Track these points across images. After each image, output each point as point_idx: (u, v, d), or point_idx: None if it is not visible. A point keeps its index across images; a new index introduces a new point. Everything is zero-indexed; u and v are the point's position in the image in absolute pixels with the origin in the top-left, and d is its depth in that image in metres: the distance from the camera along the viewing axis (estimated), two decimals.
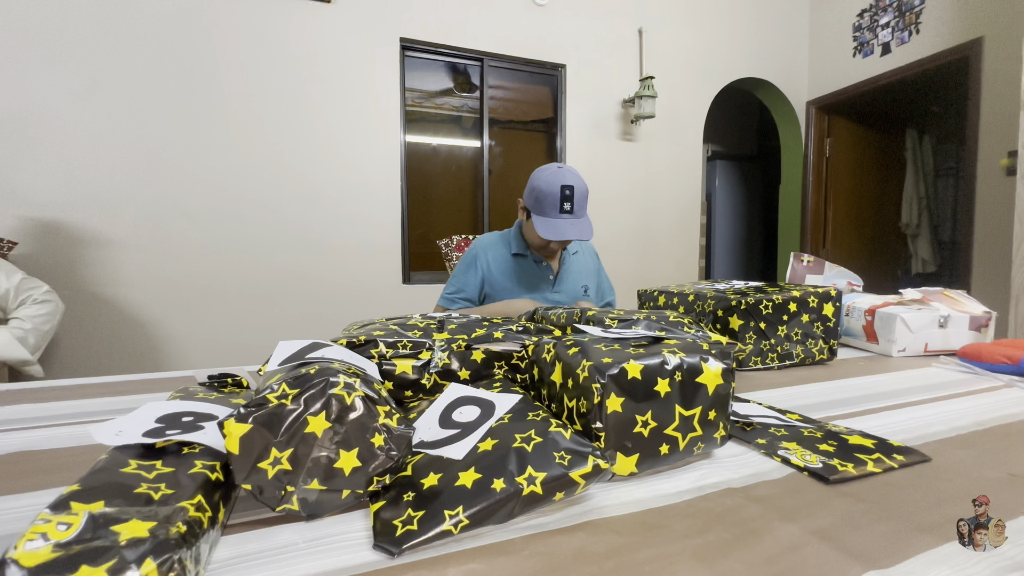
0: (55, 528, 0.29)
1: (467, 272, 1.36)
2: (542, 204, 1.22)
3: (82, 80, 2.12)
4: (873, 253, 3.95)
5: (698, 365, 0.49)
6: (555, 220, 1.22)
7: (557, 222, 1.21)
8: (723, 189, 4.81)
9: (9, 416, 0.68)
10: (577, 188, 1.22)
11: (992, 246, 2.65)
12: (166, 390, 0.78)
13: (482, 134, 2.98)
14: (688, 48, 3.34)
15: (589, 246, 1.53)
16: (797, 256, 1.38)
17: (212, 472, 0.38)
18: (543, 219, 1.22)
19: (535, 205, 1.25)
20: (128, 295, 2.24)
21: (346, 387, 0.41)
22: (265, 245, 2.44)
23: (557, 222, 1.21)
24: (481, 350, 0.61)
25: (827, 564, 0.35)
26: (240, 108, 2.36)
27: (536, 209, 1.25)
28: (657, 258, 3.37)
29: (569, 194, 1.21)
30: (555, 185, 1.21)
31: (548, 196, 1.21)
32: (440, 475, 0.41)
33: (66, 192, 2.11)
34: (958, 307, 1.08)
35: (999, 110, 2.58)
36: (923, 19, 2.96)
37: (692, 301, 0.99)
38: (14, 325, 1.62)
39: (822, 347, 0.97)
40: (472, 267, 1.36)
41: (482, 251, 1.38)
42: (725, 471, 0.50)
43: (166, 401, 0.48)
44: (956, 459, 0.52)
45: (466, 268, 1.37)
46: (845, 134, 3.70)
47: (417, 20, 2.68)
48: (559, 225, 1.21)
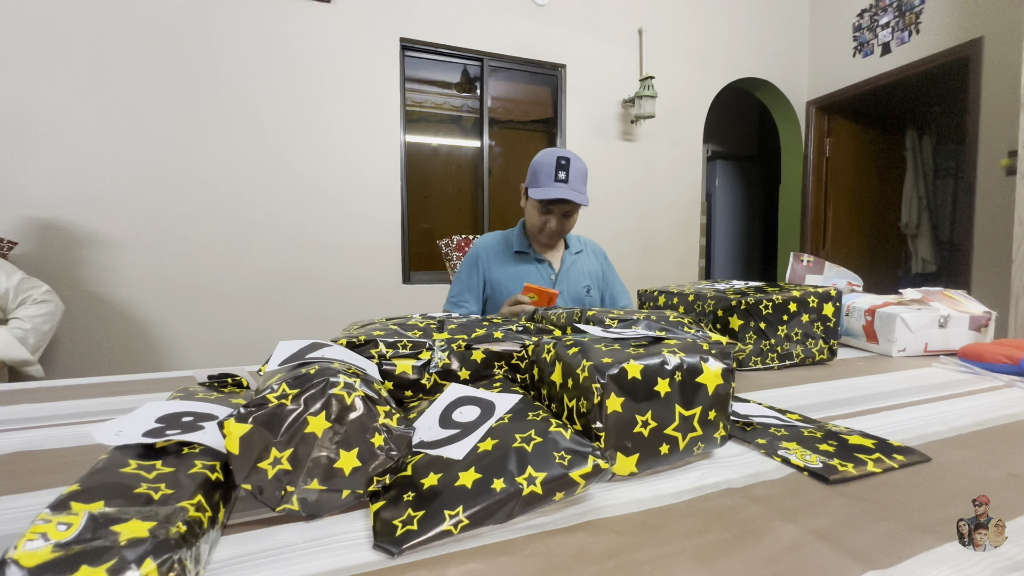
0: (55, 528, 0.29)
1: (469, 274, 1.37)
2: (538, 176, 1.25)
3: (82, 80, 2.12)
4: (873, 253, 3.95)
5: (698, 365, 0.49)
6: (549, 187, 1.23)
7: (551, 187, 1.23)
8: (723, 189, 4.81)
9: (9, 416, 0.68)
10: (573, 161, 1.24)
11: (992, 246, 2.65)
12: (166, 390, 0.78)
13: (482, 134, 2.98)
14: (688, 48, 3.34)
15: (596, 247, 1.51)
16: (797, 256, 1.38)
17: (212, 472, 0.38)
18: (538, 189, 1.25)
19: (532, 179, 1.27)
20: (128, 295, 2.24)
21: (346, 387, 0.41)
22: (265, 245, 2.44)
23: (551, 187, 1.23)
24: (481, 350, 0.61)
25: (827, 564, 0.35)
26: (240, 108, 2.36)
27: (532, 183, 1.27)
28: (657, 258, 3.37)
29: (564, 164, 1.23)
30: (551, 156, 1.24)
31: (544, 166, 1.24)
32: (440, 475, 0.41)
33: (66, 192, 2.11)
34: (958, 307, 1.08)
35: (999, 110, 2.58)
36: (923, 19, 2.96)
37: (692, 301, 0.99)
38: (14, 325, 1.62)
39: (822, 347, 0.97)
40: (473, 268, 1.37)
41: (482, 251, 1.38)
42: (725, 471, 0.50)
43: (166, 401, 0.48)
44: (956, 459, 0.52)
45: (468, 270, 1.37)
46: (845, 134, 3.70)
47: (417, 20, 2.68)
48: (552, 190, 1.23)
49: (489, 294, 1.36)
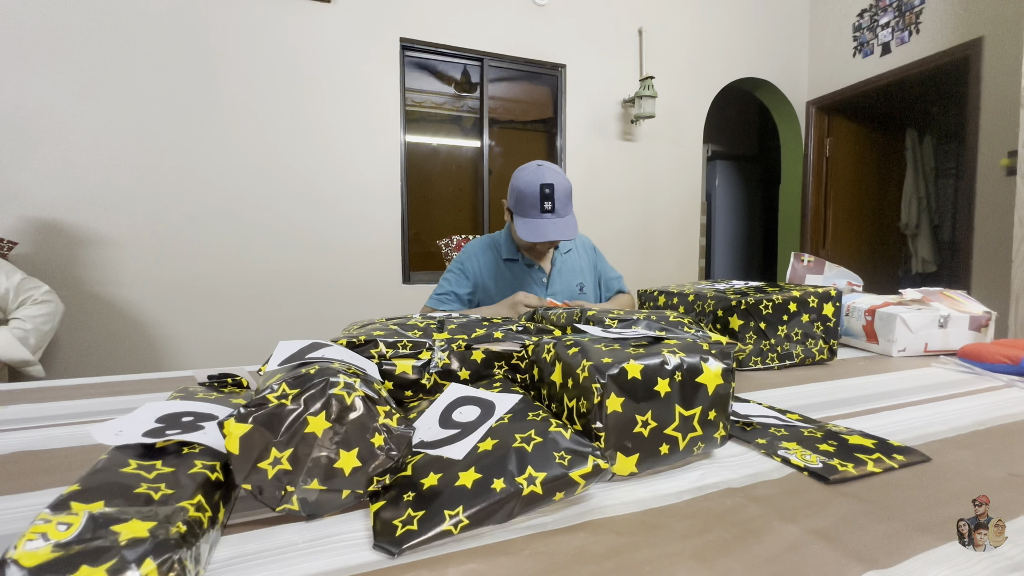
0: (55, 528, 0.29)
1: (459, 278, 1.34)
2: (522, 205, 1.18)
3: (82, 80, 2.12)
4: (873, 253, 3.95)
5: (698, 365, 0.49)
6: (536, 221, 1.17)
7: (538, 223, 1.17)
8: (723, 189, 4.81)
9: (9, 416, 0.68)
10: (558, 186, 1.17)
11: (992, 246, 2.65)
12: (166, 390, 0.78)
13: (482, 134, 2.98)
14: (688, 48, 3.34)
15: (585, 241, 1.49)
16: (797, 256, 1.38)
17: (212, 472, 0.38)
18: (524, 220, 1.19)
19: (516, 206, 1.21)
20: (128, 295, 2.24)
21: (346, 387, 0.41)
22: (265, 245, 2.44)
23: (538, 223, 1.17)
24: (481, 350, 0.61)
25: (827, 564, 0.35)
26: (240, 108, 2.36)
27: (518, 210, 1.20)
28: (657, 258, 3.37)
29: (549, 192, 1.16)
30: (534, 185, 1.16)
31: (528, 196, 1.17)
32: (440, 475, 0.41)
33: (66, 192, 2.11)
34: (958, 307, 1.08)
35: (999, 110, 2.58)
36: (923, 19, 2.96)
37: (692, 301, 0.99)
38: (14, 326, 1.62)
39: (822, 347, 0.97)
40: (462, 274, 1.34)
41: (470, 258, 1.35)
42: (725, 471, 0.50)
43: (166, 401, 0.48)
44: (956, 459, 0.52)
45: (458, 274, 1.34)
46: (845, 134, 3.70)
47: (417, 20, 2.68)
48: (540, 226, 1.17)
49: (480, 300, 1.33)
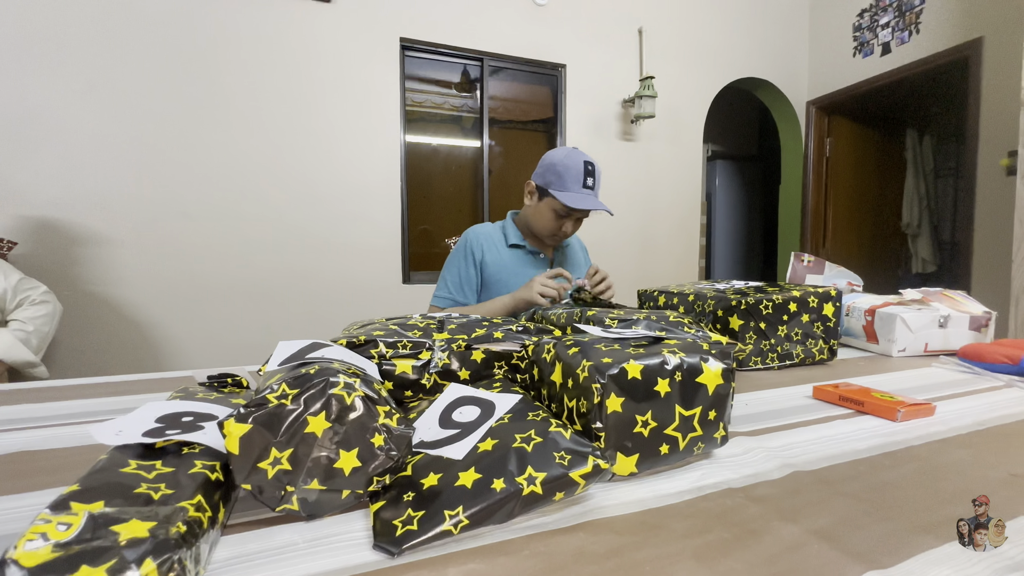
0: (55, 528, 0.29)
1: (465, 264, 1.30)
2: (564, 179, 1.22)
3: (82, 80, 2.12)
4: (873, 253, 3.95)
5: (698, 365, 0.49)
6: (580, 193, 1.22)
7: (583, 195, 1.22)
8: (723, 189, 4.81)
9: (9, 416, 0.68)
10: (596, 167, 1.25)
11: (992, 246, 2.65)
12: (166, 390, 0.78)
13: (482, 134, 2.98)
14: (688, 48, 3.34)
15: (578, 240, 1.50)
16: (797, 256, 1.38)
17: (212, 472, 0.38)
18: (568, 193, 1.21)
19: (557, 180, 1.23)
20: (128, 295, 2.24)
21: (346, 387, 0.41)
22: (265, 245, 2.44)
23: (583, 195, 1.22)
24: (481, 350, 0.61)
25: (827, 564, 0.35)
26: (240, 108, 2.36)
27: (558, 185, 1.22)
28: (657, 258, 3.37)
29: (591, 169, 1.23)
30: (578, 160, 1.22)
31: (572, 170, 1.21)
32: (440, 475, 0.41)
33: (66, 192, 2.11)
34: (958, 307, 1.08)
35: (999, 110, 2.58)
36: (923, 19, 2.96)
37: (692, 301, 0.99)
38: (15, 327, 1.62)
39: (822, 347, 0.97)
40: (467, 259, 1.30)
41: (475, 241, 1.31)
42: (725, 471, 0.50)
43: (166, 401, 0.48)
44: (956, 459, 0.52)
45: (462, 260, 1.30)
46: (845, 134, 3.70)
47: (417, 20, 2.68)
48: (586, 197, 1.22)
49: (483, 286, 1.30)
